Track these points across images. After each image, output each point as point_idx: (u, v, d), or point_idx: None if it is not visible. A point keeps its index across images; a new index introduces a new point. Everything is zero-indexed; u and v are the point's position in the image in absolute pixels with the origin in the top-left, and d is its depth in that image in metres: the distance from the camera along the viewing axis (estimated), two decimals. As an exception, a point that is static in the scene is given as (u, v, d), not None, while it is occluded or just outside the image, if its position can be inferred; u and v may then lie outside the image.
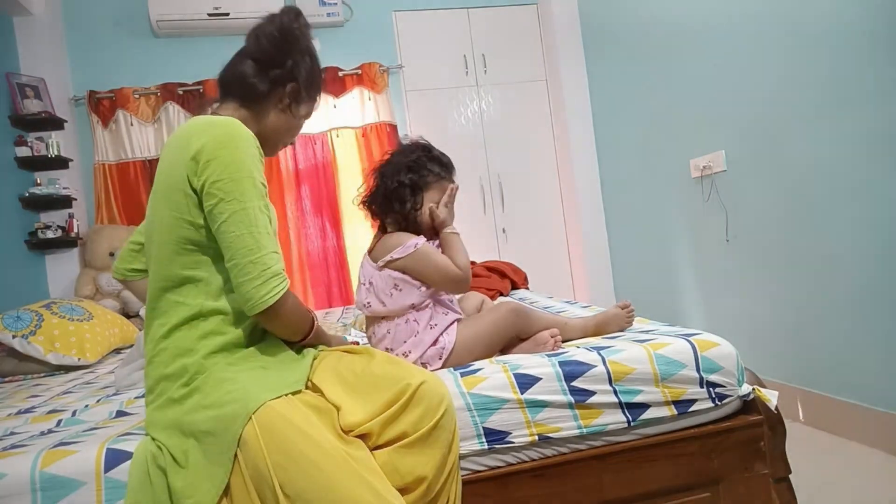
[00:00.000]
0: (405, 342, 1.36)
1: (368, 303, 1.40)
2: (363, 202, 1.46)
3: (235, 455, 0.98)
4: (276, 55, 1.23)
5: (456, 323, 1.40)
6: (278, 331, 1.16)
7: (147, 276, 1.21)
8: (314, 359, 1.23)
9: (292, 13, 1.26)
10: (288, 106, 1.25)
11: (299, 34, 1.25)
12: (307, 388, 1.13)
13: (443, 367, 1.35)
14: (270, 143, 1.28)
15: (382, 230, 1.47)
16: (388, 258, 1.36)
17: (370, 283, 1.40)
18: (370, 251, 1.44)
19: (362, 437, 1.06)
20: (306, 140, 3.74)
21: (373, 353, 1.20)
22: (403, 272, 1.36)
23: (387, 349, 1.38)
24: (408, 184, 1.39)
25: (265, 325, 1.13)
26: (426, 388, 1.07)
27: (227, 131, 1.09)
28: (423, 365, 1.35)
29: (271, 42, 1.23)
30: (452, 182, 1.46)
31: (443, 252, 1.40)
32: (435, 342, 1.36)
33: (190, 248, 1.11)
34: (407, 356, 1.35)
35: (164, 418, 1.06)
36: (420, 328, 1.37)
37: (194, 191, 1.08)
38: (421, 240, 1.37)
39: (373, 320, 1.44)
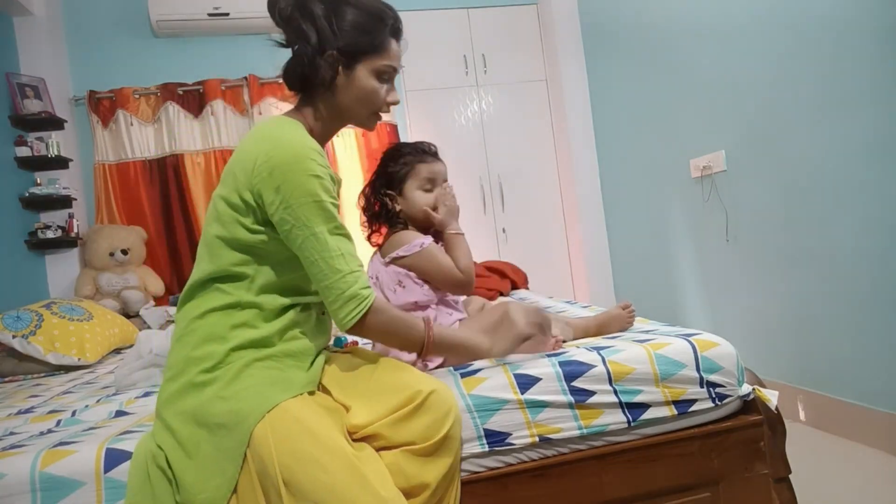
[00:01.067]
0: None
1: None
2: (366, 226, 1.48)
3: (245, 452, 0.98)
4: (296, 31, 1.13)
5: (458, 322, 1.41)
6: (382, 342, 1.22)
7: None
8: (325, 361, 1.23)
9: None
10: (336, 76, 1.13)
11: None
12: (318, 390, 1.13)
13: (443, 364, 1.36)
14: (357, 118, 1.20)
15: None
16: (394, 255, 1.38)
17: (376, 278, 1.42)
18: (379, 247, 1.46)
19: (368, 438, 1.07)
20: (306, 140, 3.73)
21: (378, 359, 1.20)
22: (409, 270, 1.38)
23: None
24: (384, 191, 1.42)
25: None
26: (435, 398, 1.07)
27: (288, 152, 1.05)
28: (424, 362, 1.35)
29: (284, 18, 1.13)
30: (429, 159, 1.45)
31: (447, 253, 1.41)
32: None
33: (241, 247, 1.10)
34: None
35: (181, 405, 1.04)
36: None
37: (257, 203, 1.07)
38: (427, 240, 1.38)
39: None
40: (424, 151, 1.45)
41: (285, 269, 1.12)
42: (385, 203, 1.43)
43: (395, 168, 1.43)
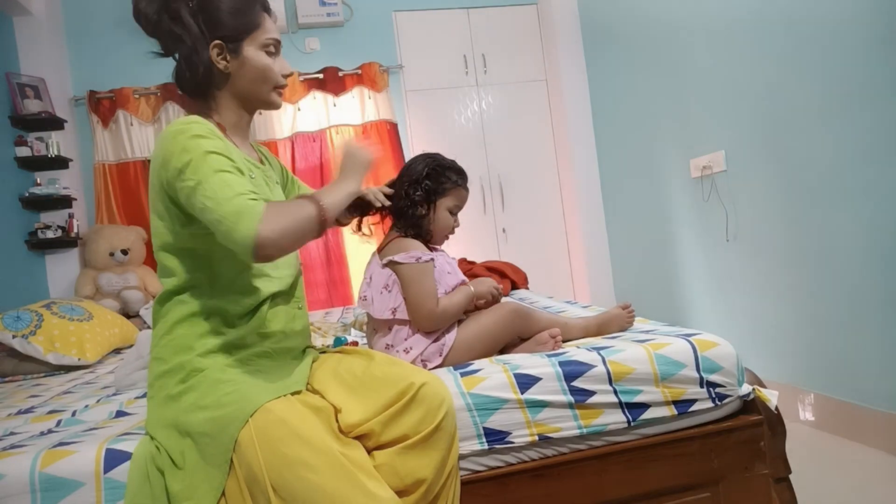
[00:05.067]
0: (406, 339, 1.36)
1: (365, 297, 1.42)
2: (382, 209, 1.46)
3: (231, 458, 0.98)
4: (171, 36, 1.13)
5: (457, 322, 1.40)
6: (287, 251, 1.01)
7: None
8: (313, 361, 1.23)
9: None
10: (228, 63, 1.14)
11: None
12: (307, 390, 1.13)
13: (442, 364, 1.36)
14: (260, 99, 1.20)
15: (398, 231, 1.46)
16: (391, 258, 1.37)
17: (371, 278, 1.42)
18: (380, 249, 1.45)
19: (362, 437, 1.06)
20: (305, 138, 3.74)
21: (372, 355, 1.20)
22: (398, 276, 1.37)
23: (387, 346, 1.38)
24: (425, 189, 1.41)
25: (274, 258, 0.99)
26: (427, 390, 1.07)
27: (170, 131, 1.05)
28: (423, 362, 1.35)
29: (153, 25, 1.13)
30: (467, 189, 1.49)
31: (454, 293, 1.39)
32: (436, 340, 1.36)
33: (184, 253, 1.11)
34: (408, 353, 1.35)
35: (161, 416, 1.06)
36: None
37: (171, 198, 1.06)
38: (427, 256, 1.37)
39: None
40: (464, 177, 1.48)
41: (235, 264, 1.11)
42: (417, 202, 1.41)
43: (441, 180, 1.43)
